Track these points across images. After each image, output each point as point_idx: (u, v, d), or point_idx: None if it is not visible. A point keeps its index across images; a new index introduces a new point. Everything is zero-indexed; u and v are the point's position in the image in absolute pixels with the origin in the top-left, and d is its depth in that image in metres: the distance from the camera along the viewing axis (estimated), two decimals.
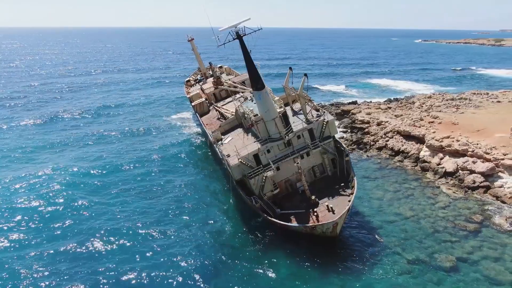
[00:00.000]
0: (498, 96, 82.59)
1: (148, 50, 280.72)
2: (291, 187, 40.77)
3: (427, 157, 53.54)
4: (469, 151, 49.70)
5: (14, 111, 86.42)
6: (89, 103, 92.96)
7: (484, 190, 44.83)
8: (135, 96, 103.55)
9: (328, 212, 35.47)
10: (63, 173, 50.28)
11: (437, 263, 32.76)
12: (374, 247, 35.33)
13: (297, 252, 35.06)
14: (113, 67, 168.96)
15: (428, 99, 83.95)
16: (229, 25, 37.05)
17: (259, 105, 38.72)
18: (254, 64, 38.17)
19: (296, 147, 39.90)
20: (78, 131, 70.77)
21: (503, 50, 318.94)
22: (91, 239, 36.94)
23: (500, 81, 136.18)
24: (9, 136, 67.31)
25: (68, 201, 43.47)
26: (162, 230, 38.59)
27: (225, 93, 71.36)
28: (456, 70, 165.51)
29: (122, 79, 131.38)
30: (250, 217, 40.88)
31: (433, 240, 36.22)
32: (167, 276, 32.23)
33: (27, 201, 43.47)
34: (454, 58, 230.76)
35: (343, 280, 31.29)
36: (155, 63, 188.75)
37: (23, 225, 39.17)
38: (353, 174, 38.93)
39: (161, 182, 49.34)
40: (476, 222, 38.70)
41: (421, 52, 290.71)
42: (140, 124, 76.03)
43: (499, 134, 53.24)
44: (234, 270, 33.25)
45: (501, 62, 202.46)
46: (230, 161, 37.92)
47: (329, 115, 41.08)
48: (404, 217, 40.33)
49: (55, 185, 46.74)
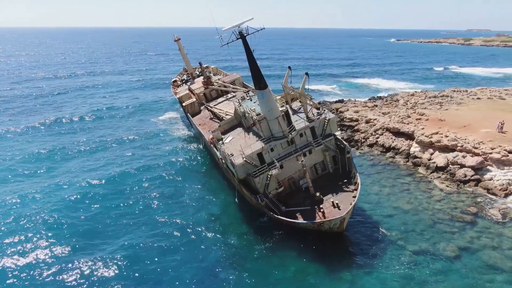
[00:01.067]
0: (477, 93, 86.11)
1: (127, 51, 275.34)
2: (294, 185, 41.36)
3: (417, 153, 55.30)
4: (458, 146, 51.70)
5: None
6: (72, 108, 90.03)
7: (475, 183, 46.79)
8: (120, 99, 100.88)
9: (333, 208, 36.25)
10: (58, 185, 48.45)
11: (440, 253, 34.09)
12: (378, 241, 36.36)
13: (304, 249, 35.60)
14: (92, 68, 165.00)
15: (412, 97, 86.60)
16: (233, 25, 37.28)
17: (262, 104, 39.13)
18: (257, 64, 38.54)
19: (298, 145, 40.55)
20: (65, 138, 68.41)
21: (473, 49, 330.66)
22: (95, 242, 36.44)
23: (476, 79, 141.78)
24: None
25: (69, 210, 42.56)
26: (166, 233, 38.32)
27: (215, 93, 71.49)
28: (433, 69, 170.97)
29: (105, 81, 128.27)
30: (254, 216, 41.21)
31: (433, 231, 37.61)
32: (175, 278, 32.22)
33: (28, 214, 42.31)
34: (430, 57, 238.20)
35: (352, 274, 32.06)
36: (134, 64, 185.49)
37: (22, 228, 38.15)
38: (355, 171, 39.94)
39: (158, 186, 48.40)
40: (472, 213, 40.41)
41: (397, 51, 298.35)
42: (128, 128, 74.32)
43: (484, 130, 55.65)
44: (243, 269, 33.40)
45: (475, 61, 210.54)
46: (235, 160, 38.08)
47: (330, 113, 41.97)
48: (403, 211, 41.65)
49: (48, 197, 45.34)
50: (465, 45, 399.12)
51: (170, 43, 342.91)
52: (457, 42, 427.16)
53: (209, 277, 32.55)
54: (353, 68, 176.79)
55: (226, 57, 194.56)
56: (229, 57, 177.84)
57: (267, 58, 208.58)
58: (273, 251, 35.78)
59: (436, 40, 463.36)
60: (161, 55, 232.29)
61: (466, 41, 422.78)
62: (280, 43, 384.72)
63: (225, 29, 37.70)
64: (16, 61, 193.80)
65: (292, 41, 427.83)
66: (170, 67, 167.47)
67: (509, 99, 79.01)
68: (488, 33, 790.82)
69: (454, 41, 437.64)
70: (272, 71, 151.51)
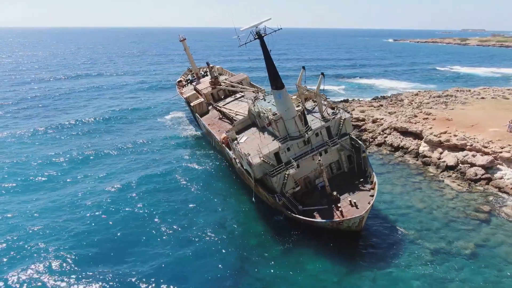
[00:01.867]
0: (480, 92, 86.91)
1: (127, 51, 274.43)
2: (310, 184, 41.65)
3: (426, 152, 55.79)
4: (467, 145, 52.24)
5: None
6: (77, 111, 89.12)
7: (486, 182, 47.30)
8: (124, 100, 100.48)
9: (351, 207, 36.58)
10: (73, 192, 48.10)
11: (458, 251, 34.52)
12: (395, 239, 36.72)
13: (321, 248, 35.82)
14: (93, 70, 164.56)
15: (416, 97, 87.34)
16: (250, 25, 37.55)
17: (279, 104, 39.40)
18: (273, 64, 38.80)
19: (314, 145, 40.85)
20: (75, 142, 67.71)
21: (470, 49, 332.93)
22: (114, 243, 36.55)
23: (476, 79, 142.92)
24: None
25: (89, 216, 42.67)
26: (183, 234, 38.51)
27: (223, 93, 71.76)
28: (434, 69, 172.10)
29: (107, 83, 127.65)
30: (270, 215, 41.44)
31: (448, 229, 38.06)
32: (195, 278, 32.45)
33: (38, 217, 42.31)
34: (430, 57, 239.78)
35: (374, 272, 32.34)
36: (135, 64, 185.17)
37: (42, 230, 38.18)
38: (371, 170, 40.31)
39: (171, 188, 48.30)
40: (485, 212, 40.92)
41: (396, 51, 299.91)
42: (136, 131, 73.37)
43: (492, 129, 56.25)
44: (262, 270, 33.54)
45: (475, 61, 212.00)
46: (252, 159, 38.30)
47: (345, 113, 42.32)
48: (417, 209, 42.07)
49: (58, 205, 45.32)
50: (462, 45, 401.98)
51: (169, 43, 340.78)
52: (454, 42, 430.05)
53: (229, 277, 32.68)
54: (354, 68, 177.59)
55: (227, 57, 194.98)
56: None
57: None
58: (291, 250, 36.01)
59: (433, 40, 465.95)
60: (161, 56, 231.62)
61: (463, 41, 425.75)
62: (279, 43, 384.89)
63: (243, 29, 37.94)
64: (16, 62, 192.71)
65: (291, 41, 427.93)
66: (171, 68, 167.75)
67: None
68: (483, 33, 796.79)
69: (450, 41, 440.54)
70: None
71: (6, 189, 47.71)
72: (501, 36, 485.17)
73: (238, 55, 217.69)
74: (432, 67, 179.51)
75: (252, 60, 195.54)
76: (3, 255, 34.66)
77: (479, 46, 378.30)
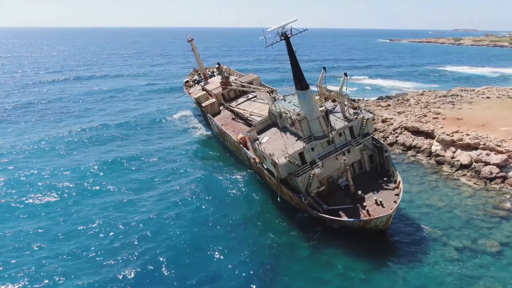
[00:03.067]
0: (484, 92, 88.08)
1: (128, 52, 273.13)
2: (333, 184, 42.11)
3: (439, 151, 56.58)
4: (481, 144, 53.05)
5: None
6: (85, 115, 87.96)
7: (502, 180, 48.12)
8: (132, 102, 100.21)
9: (377, 206, 37.13)
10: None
11: (483, 249, 35.20)
12: (419, 237, 37.31)
13: (348, 246, 36.29)
14: (93, 71, 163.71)
15: (421, 96, 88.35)
16: (277, 26, 37.96)
17: (304, 104, 39.78)
18: (298, 64, 39.19)
19: (337, 145, 41.31)
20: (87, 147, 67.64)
21: (466, 49, 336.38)
22: (149, 248, 36.72)
23: (478, 78, 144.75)
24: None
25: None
26: (208, 234, 38.98)
27: (233, 93, 72.04)
28: (433, 69, 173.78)
29: (111, 85, 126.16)
30: (293, 215, 41.91)
31: (471, 227, 38.76)
32: (225, 277, 32.81)
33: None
34: (429, 57, 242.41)
35: (403, 269, 32.88)
36: (138, 66, 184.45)
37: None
38: (394, 169, 40.89)
39: (190, 189, 48.15)
40: (505, 209, 41.73)
41: (393, 51, 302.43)
42: (147, 132, 72.94)
43: (504, 128, 57.16)
44: (292, 266, 34.21)
45: (472, 61, 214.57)
46: (278, 159, 38.64)
47: (368, 113, 42.82)
48: (437, 208, 42.77)
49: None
50: (456, 44, 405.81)
51: (168, 43, 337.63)
52: (448, 42, 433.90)
53: (261, 275, 33.08)
54: (356, 68, 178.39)
55: (226, 58, 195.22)
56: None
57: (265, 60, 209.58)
58: (318, 249, 36.43)
59: (427, 40, 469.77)
60: (165, 56, 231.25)
61: (457, 41, 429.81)
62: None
63: (270, 30, 38.30)
64: (18, 63, 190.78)
65: None
66: (173, 68, 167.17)
67: None
68: (475, 33, 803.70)
69: (445, 40, 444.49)
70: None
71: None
72: (494, 36, 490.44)
73: (237, 55, 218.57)
74: (432, 67, 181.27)
75: (254, 61, 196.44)
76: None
77: (473, 46, 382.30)
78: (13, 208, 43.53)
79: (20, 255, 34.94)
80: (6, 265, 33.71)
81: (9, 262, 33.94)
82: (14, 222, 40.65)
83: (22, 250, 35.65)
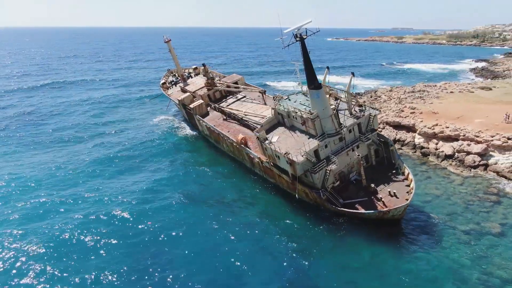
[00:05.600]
0: (446, 87, 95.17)
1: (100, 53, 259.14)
2: (344, 178, 43.94)
3: (423, 144, 60.75)
4: (461, 136, 57.75)
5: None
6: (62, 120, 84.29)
7: (484, 167, 52.84)
8: (108, 105, 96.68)
9: (391, 197, 39.48)
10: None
11: (487, 230, 38.68)
12: (431, 224, 40.14)
13: (369, 236, 38.15)
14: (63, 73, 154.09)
15: (391, 92, 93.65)
16: (292, 27, 39.00)
17: (317, 103, 41.12)
18: (312, 65, 40.48)
19: (348, 141, 43.18)
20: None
21: (409, 47, 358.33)
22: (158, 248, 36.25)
23: (430, 74, 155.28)
24: None
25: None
26: (233, 233, 39.45)
27: (219, 94, 72.00)
28: (385, 66, 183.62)
29: (85, 86, 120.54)
30: (309, 211, 43.20)
31: (470, 212, 42.32)
32: (256, 276, 33.51)
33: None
34: (382, 55, 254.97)
35: (426, 254, 35.32)
36: (110, 67, 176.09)
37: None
38: (401, 162, 43.55)
39: (191, 195, 48.04)
40: (494, 194, 45.91)
41: (345, 50, 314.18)
42: (131, 137, 70.57)
43: (478, 120, 62.56)
44: (320, 261, 35.47)
45: (422, 58, 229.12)
46: (296, 158, 39.67)
47: (373, 110, 45.10)
48: (436, 196, 46.15)
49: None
50: (399, 43, 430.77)
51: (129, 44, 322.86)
52: (391, 40, 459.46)
53: (294, 270, 34.12)
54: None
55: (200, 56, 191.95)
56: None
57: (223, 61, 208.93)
58: (341, 240, 38.15)
59: (372, 39, 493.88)
60: (133, 61, 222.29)
61: (399, 39, 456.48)
62: (217, 43, 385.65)
63: (286, 31, 39.16)
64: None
65: (231, 39, 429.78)
66: (146, 72, 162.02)
67: (477, 92, 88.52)
68: (412, 31, 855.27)
69: (388, 39, 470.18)
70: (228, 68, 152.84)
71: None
72: (431, 34, 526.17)
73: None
74: (388, 64, 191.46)
75: (232, 62, 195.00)
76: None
77: (414, 44, 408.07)
78: None
79: None
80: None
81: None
82: None
83: None
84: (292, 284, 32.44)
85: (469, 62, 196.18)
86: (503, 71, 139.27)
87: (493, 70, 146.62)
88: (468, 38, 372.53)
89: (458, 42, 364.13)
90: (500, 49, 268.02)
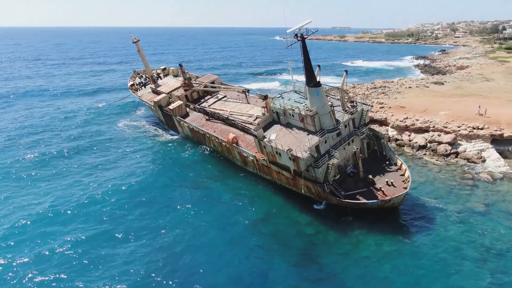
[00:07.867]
0: (403, 83, 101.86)
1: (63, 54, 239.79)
2: (341, 171, 45.97)
3: (396, 136, 65.03)
4: (431, 127, 62.68)
5: None
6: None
7: (455, 155, 57.85)
8: (74, 106, 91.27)
9: (389, 186, 42.16)
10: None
11: (474, 210, 42.77)
12: (424, 208, 43.44)
13: (370, 225, 40.48)
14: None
15: (354, 89, 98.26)
16: (294, 27, 40.15)
17: (316, 100, 42.66)
18: (311, 64, 41.95)
19: (344, 136, 45.25)
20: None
21: (352, 45, 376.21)
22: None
23: (379, 71, 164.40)
24: None
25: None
26: (237, 234, 40.13)
27: (196, 94, 71.49)
28: (340, 64, 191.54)
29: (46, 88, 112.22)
30: (309, 205, 44.85)
31: (454, 195, 46.45)
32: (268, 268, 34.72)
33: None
34: (330, 53, 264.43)
35: (425, 236, 38.36)
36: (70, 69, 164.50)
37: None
38: (393, 153, 46.51)
39: (192, 197, 47.79)
40: (470, 178, 50.63)
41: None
42: (107, 140, 68.62)
43: (443, 112, 68.13)
44: (330, 250, 37.35)
45: (365, 55, 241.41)
46: (301, 154, 40.90)
47: (365, 105, 47.58)
48: (420, 182, 49.93)
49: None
50: (342, 41, 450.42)
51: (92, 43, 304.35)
52: (335, 39, 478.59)
53: (304, 266, 35.46)
54: (268, 65, 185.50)
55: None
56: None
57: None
58: (345, 231, 40.09)
59: (317, 37, 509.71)
60: (98, 64, 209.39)
61: (342, 37, 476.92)
62: (186, 43, 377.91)
63: (289, 31, 40.21)
64: None
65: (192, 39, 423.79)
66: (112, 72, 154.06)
67: (431, 86, 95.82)
68: (351, 30, 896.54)
69: (332, 38, 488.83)
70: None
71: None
72: (369, 33, 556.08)
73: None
74: (338, 62, 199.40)
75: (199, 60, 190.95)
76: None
77: (356, 42, 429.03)
78: None
79: None
80: None
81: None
82: None
83: None
84: (306, 279, 33.71)
85: (410, 60, 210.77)
86: (445, 67, 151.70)
87: (435, 67, 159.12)
88: (404, 37, 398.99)
89: (396, 40, 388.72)
90: (435, 47, 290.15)
